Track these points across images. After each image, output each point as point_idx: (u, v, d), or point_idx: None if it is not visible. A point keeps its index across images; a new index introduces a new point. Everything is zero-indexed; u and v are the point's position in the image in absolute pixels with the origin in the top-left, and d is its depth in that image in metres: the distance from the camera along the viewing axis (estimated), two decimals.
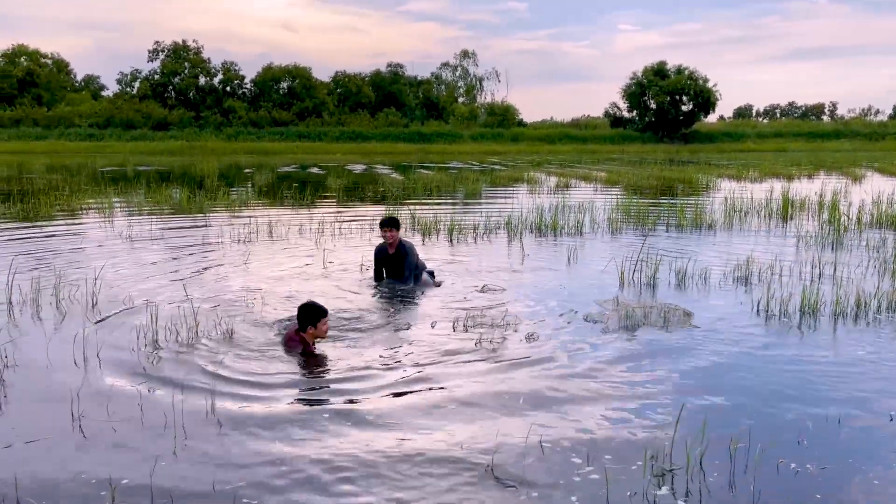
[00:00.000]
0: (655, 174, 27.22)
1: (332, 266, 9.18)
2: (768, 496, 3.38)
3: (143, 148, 55.34)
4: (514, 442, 3.96)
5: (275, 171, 31.01)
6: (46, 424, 4.16)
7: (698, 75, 70.42)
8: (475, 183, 22.63)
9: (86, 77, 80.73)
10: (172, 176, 27.15)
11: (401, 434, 4.08)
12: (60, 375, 4.97)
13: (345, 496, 3.40)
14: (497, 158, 47.49)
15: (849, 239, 11.25)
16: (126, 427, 4.10)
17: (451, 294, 7.56)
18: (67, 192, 18.18)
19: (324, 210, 15.87)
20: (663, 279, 8.17)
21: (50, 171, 28.86)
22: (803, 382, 4.92)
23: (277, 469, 3.65)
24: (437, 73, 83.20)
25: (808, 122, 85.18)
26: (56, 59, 73.83)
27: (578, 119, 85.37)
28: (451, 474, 3.61)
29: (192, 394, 4.60)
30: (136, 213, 15.07)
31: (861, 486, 3.52)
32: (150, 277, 8.37)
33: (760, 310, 6.81)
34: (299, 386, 4.87)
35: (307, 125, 68.49)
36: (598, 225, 12.85)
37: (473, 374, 5.09)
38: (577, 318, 6.57)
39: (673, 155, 51.20)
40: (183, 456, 3.76)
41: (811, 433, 4.07)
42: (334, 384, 4.88)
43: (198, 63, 71.77)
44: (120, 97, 70.51)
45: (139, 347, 5.58)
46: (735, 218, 13.73)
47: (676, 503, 3.34)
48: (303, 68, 73.84)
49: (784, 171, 29.26)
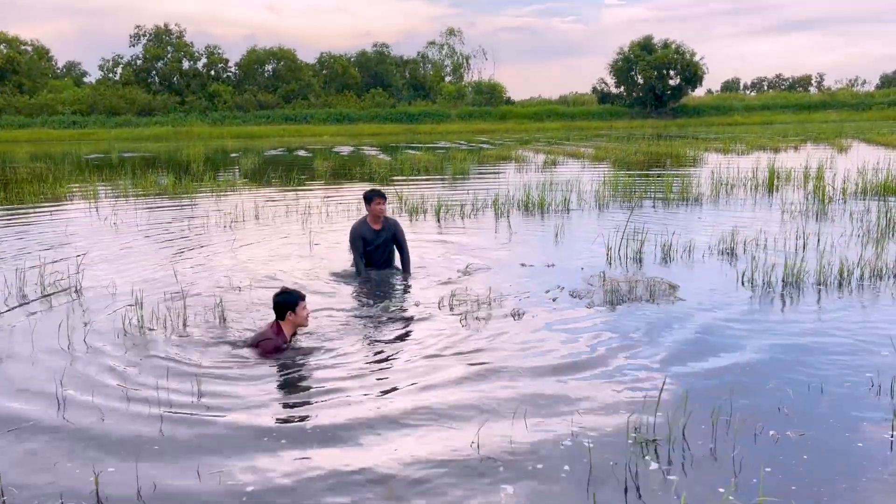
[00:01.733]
0: (643, 149, 27.23)
1: (319, 248, 9.17)
2: (749, 463, 3.43)
3: (127, 134, 54.88)
4: (499, 416, 3.99)
5: (261, 155, 30.83)
6: (31, 412, 4.15)
7: (685, 49, 70.30)
8: (462, 162, 22.57)
9: (67, 63, 79.90)
10: (158, 161, 26.94)
11: (384, 411, 4.10)
12: (46, 363, 4.95)
13: (332, 477, 3.42)
14: (485, 137, 47.38)
15: (833, 209, 11.32)
16: (111, 414, 4.10)
17: (437, 273, 7.56)
18: (51, 180, 18.01)
19: (310, 192, 15.81)
20: (650, 253, 8.20)
21: (34, 160, 28.58)
22: (785, 351, 4.97)
23: (263, 454, 3.66)
24: (423, 52, 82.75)
25: (795, 94, 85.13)
26: (36, 45, 72.86)
27: (566, 96, 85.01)
28: (434, 449, 3.63)
29: (178, 380, 4.59)
30: (122, 199, 14.97)
31: (839, 450, 3.57)
32: (136, 263, 8.34)
33: (745, 281, 6.85)
34: (285, 370, 4.87)
35: (293, 108, 68.02)
36: (584, 201, 12.86)
37: (458, 351, 5.10)
38: (563, 293, 6.60)
39: (661, 130, 51.21)
40: (168, 443, 3.76)
41: (791, 401, 4.11)
42: (318, 371, 4.89)
43: (181, 47, 71.02)
44: (103, 83, 69.73)
45: (125, 334, 5.56)
46: (721, 191, 13.78)
47: (659, 472, 3.38)
48: (287, 50, 73.24)
49: (770, 144, 29.32)
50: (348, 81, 73.85)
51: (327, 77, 74.69)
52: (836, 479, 3.30)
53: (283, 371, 4.81)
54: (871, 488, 3.23)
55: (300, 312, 5.14)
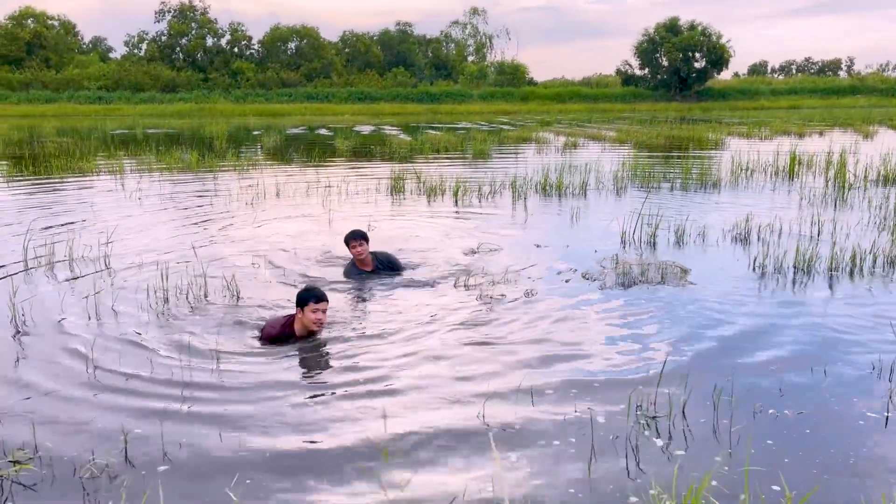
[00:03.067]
0: (664, 133, 27.05)
1: (337, 226, 9.34)
2: (745, 438, 3.56)
3: (152, 111, 55.39)
4: (504, 390, 4.15)
5: (283, 133, 31.04)
6: (63, 377, 4.38)
7: (711, 31, 69.23)
8: (482, 143, 22.58)
9: (93, 39, 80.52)
10: (182, 138, 27.25)
11: (393, 383, 4.27)
12: (75, 331, 5.19)
13: (344, 453, 3.61)
14: (506, 118, 47.22)
15: (853, 196, 11.27)
16: (137, 381, 4.31)
17: (450, 253, 7.71)
18: (78, 154, 18.35)
19: (330, 171, 15.99)
20: (664, 237, 8.27)
21: (60, 135, 29.04)
22: (791, 335, 5.06)
23: (279, 420, 3.85)
24: (446, 31, 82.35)
25: (824, 79, 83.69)
26: (63, 20, 73.58)
27: (590, 77, 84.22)
28: (441, 423, 3.80)
29: (198, 349, 4.80)
30: (147, 174, 15.25)
31: (835, 428, 3.68)
32: (161, 237, 8.57)
33: (756, 266, 6.92)
34: (302, 346, 5.05)
35: (315, 86, 68.16)
36: (602, 185, 12.90)
37: (469, 328, 5.26)
38: (576, 275, 6.72)
39: (684, 113, 50.70)
40: (191, 407, 3.96)
41: (793, 381, 4.23)
42: (335, 344, 5.07)
43: (205, 24, 71.33)
44: (128, 59, 70.35)
45: (149, 305, 5.78)
46: (741, 176, 13.74)
47: (659, 446, 3.52)
48: (310, 28, 73.26)
49: (795, 129, 28.98)
50: (370, 60, 73.80)
51: (350, 56, 74.69)
52: (829, 455, 3.42)
53: (298, 346, 4.99)
54: (862, 463, 3.34)
55: (307, 314, 4.85)
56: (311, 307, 4.81)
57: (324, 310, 4.88)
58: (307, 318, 4.84)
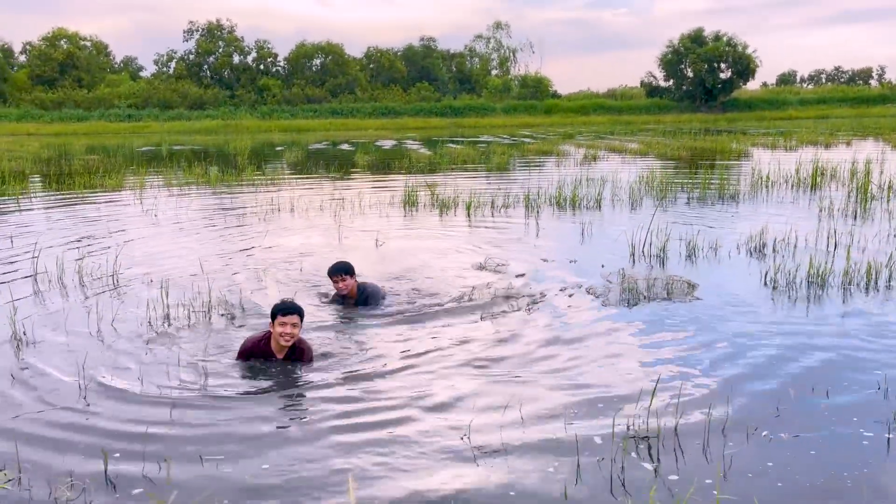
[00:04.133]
0: (687, 144, 26.77)
1: (347, 241, 9.35)
2: (736, 462, 3.44)
3: (179, 127, 56.30)
4: (494, 409, 4.07)
5: (305, 149, 31.32)
6: (54, 395, 4.39)
7: (737, 41, 68.55)
8: (501, 157, 22.56)
9: (124, 58, 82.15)
10: (206, 154, 27.63)
11: (387, 402, 4.22)
12: (73, 349, 5.21)
13: (332, 468, 3.56)
14: (529, 131, 47.15)
15: (875, 208, 11.00)
16: (124, 401, 4.30)
17: (458, 269, 7.65)
18: (101, 172, 18.67)
19: (347, 185, 16.05)
20: (675, 251, 8.13)
21: (89, 152, 29.60)
22: (795, 353, 4.91)
23: (262, 442, 3.82)
24: (470, 45, 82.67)
25: (854, 88, 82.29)
26: (95, 41, 75.33)
27: (615, 89, 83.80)
28: (428, 442, 3.74)
29: (188, 371, 4.77)
30: (165, 190, 15.45)
31: (832, 452, 3.54)
32: (172, 254, 8.64)
33: (767, 281, 6.76)
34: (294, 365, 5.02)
35: (340, 102, 68.78)
36: (618, 198, 12.76)
37: (467, 343, 5.20)
38: (580, 290, 6.62)
39: (710, 124, 50.18)
40: (175, 427, 3.94)
41: (791, 402, 4.09)
42: (334, 356, 5.04)
43: (232, 42, 72.47)
44: (157, 78, 71.69)
45: (150, 323, 5.80)
46: (761, 188, 13.51)
47: (647, 469, 3.41)
48: (335, 45, 73.98)
49: (822, 139, 28.49)
50: (395, 75, 74.28)
51: (374, 71, 75.26)
52: (824, 480, 3.29)
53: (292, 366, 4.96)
54: (861, 490, 3.21)
55: (276, 328, 4.72)
56: (279, 320, 4.70)
57: (293, 323, 4.71)
58: (275, 332, 4.74)
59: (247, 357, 4.87)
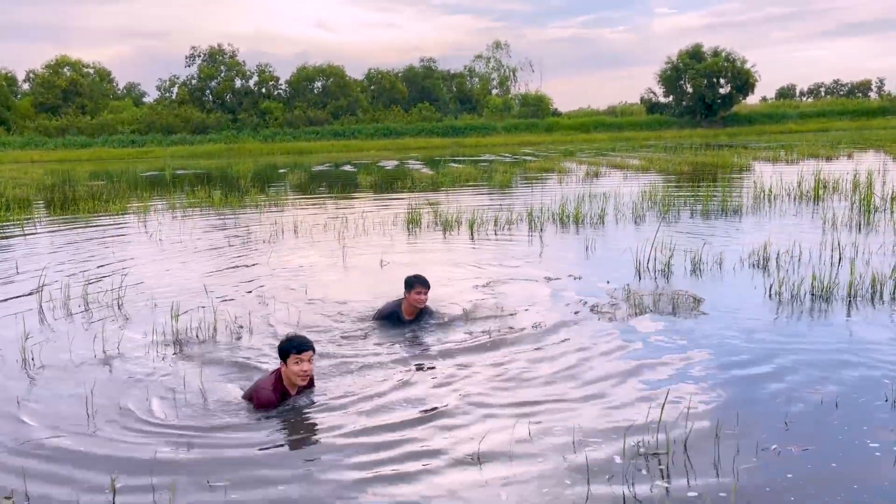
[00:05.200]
0: (688, 160, 26.84)
1: (351, 261, 9.37)
2: (749, 476, 3.41)
3: (182, 152, 56.63)
4: (503, 427, 4.06)
5: (308, 171, 31.46)
6: (61, 422, 4.39)
7: (736, 56, 68.94)
8: (504, 175, 22.63)
9: (127, 85, 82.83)
10: (209, 178, 27.77)
11: (392, 416, 4.20)
12: (79, 374, 5.22)
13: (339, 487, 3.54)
14: (530, 149, 47.32)
15: (878, 220, 11.00)
16: (131, 427, 4.29)
17: (462, 288, 7.65)
18: (104, 197, 18.77)
19: (349, 206, 16.10)
20: (680, 266, 8.13)
21: (93, 178, 29.78)
22: (802, 366, 4.89)
23: (271, 471, 3.81)
24: (470, 65, 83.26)
25: (854, 100, 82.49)
26: (98, 68, 76.01)
27: (615, 106, 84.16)
28: (437, 459, 3.72)
29: (196, 397, 4.77)
30: (169, 214, 15.51)
31: (841, 466, 3.52)
32: (177, 278, 8.66)
33: (772, 295, 6.75)
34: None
35: (342, 123, 69.16)
36: (621, 214, 12.77)
37: (474, 360, 5.19)
38: (586, 308, 6.61)
39: (710, 139, 50.31)
40: (182, 453, 3.93)
41: (800, 416, 4.07)
42: (335, 378, 5.03)
43: (233, 66, 73.05)
44: (160, 103, 72.22)
45: (156, 348, 5.81)
46: (763, 202, 13.52)
47: (656, 484, 3.39)
48: (336, 67, 74.54)
49: (822, 152, 28.53)
50: (395, 96, 74.75)
51: (375, 92, 75.75)
52: (835, 493, 3.26)
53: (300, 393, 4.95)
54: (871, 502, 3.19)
55: (291, 367, 4.40)
56: (294, 359, 4.36)
57: (308, 359, 4.41)
58: (291, 372, 4.40)
59: (266, 406, 4.44)
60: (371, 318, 6.37)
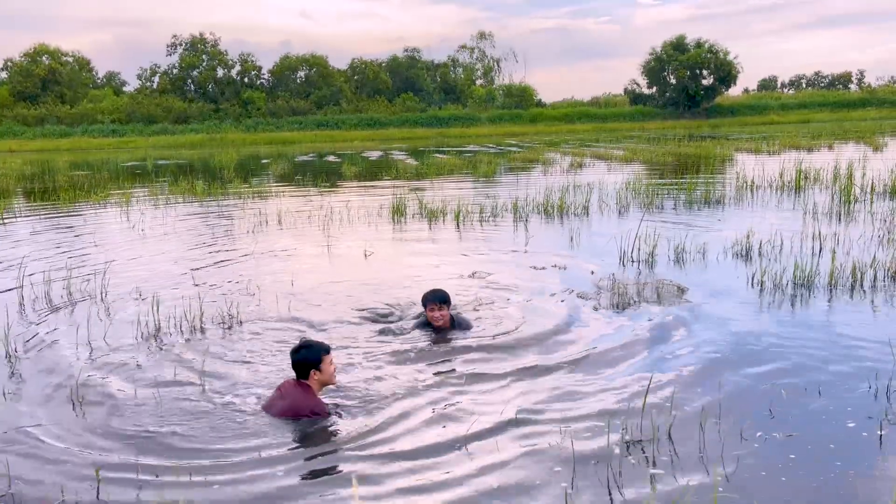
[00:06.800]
0: (671, 151, 26.99)
1: (336, 250, 9.34)
2: (734, 463, 3.46)
3: (164, 142, 56.10)
4: (488, 416, 4.08)
5: (292, 161, 31.28)
6: (47, 411, 4.36)
7: (718, 48, 69.34)
8: (489, 165, 22.63)
9: (107, 74, 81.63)
10: (191, 168, 27.52)
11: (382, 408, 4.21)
12: (64, 364, 5.18)
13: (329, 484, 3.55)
14: (515, 140, 47.36)
15: (858, 210, 11.13)
16: (117, 416, 4.28)
17: (447, 278, 7.66)
18: (86, 188, 18.56)
19: (334, 196, 16.04)
20: (664, 256, 8.19)
21: (73, 168, 29.42)
22: (785, 354, 4.95)
23: (258, 454, 3.80)
24: (454, 56, 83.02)
25: (834, 92, 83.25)
26: (77, 56, 74.89)
27: (598, 97, 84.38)
28: (423, 449, 3.73)
29: (182, 386, 4.74)
30: (152, 205, 15.37)
31: (824, 451, 3.57)
32: (160, 268, 8.59)
33: (755, 283, 6.82)
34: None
35: (325, 114, 68.82)
36: (605, 205, 12.82)
37: (458, 350, 5.20)
38: (571, 296, 6.64)
39: (693, 130, 50.59)
40: (167, 446, 3.89)
41: (783, 402, 4.12)
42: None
43: (215, 55, 72.37)
44: (140, 92, 71.46)
45: (141, 338, 5.77)
46: (745, 192, 13.63)
47: (642, 471, 3.42)
48: (319, 57, 74.10)
49: (804, 143, 28.80)
50: (379, 87, 74.45)
51: (359, 83, 75.38)
52: (818, 479, 3.31)
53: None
54: (854, 487, 3.23)
55: (326, 369, 4.24)
56: (328, 360, 4.25)
57: (332, 359, 4.31)
58: (326, 376, 4.24)
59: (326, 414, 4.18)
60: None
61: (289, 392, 4.21)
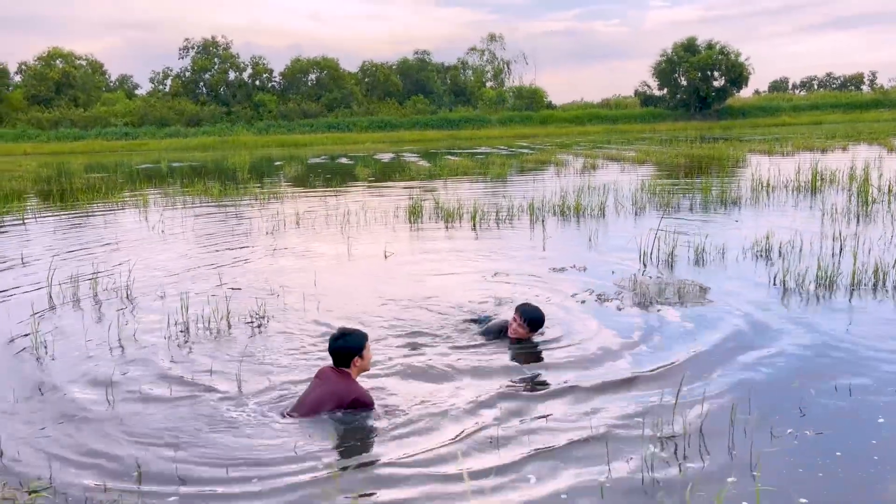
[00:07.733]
0: (684, 152, 26.94)
1: (356, 254, 9.41)
2: (766, 459, 3.49)
3: (176, 144, 56.41)
4: (517, 412, 4.12)
5: (304, 163, 31.42)
6: (83, 404, 4.44)
7: (730, 49, 69.11)
8: (501, 167, 22.68)
9: (120, 77, 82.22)
10: (205, 171, 27.70)
11: (404, 401, 4.26)
12: (95, 363, 5.26)
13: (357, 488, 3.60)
14: (526, 142, 47.35)
15: (877, 210, 11.11)
16: (153, 412, 4.35)
17: (469, 279, 7.71)
18: (104, 189, 18.72)
19: (350, 198, 16.12)
20: (683, 256, 8.21)
21: (88, 171, 29.67)
22: (812, 353, 4.98)
23: (292, 460, 3.86)
24: (464, 58, 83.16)
25: (846, 93, 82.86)
26: (90, 60, 75.45)
27: (609, 99, 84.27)
28: (455, 444, 3.78)
29: (217, 382, 4.81)
30: (170, 206, 15.50)
31: (855, 450, 3.60)
32: (183, 268, 8.67)
33: (777, 283, 6.83)
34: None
35: (336, 116, 69.03)
36: (621, 206, 12.84)
37: (484, 350, 5.25)
38: (592, 297, 6.68)
39: (704, 132, 50.42)
40: (205, 441, 3.95)
41: (813, 401, 4.15)
42: None
43: (227, 58, 72.75)
44: (153, 95, 71.92)
45: (171, 336, 5.85)
46: (761, 193, 13.61)
47: (673, 467, 3.46)
48: (330, 59, 74.38)
49: (817, 144, 28.68)
50: (390, 89, 74.65)
51: (369, 85, 75.63)
52: (850, 478, 3.34)
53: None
54: (885, 487, 3.26)
55: (367, 356, 4.25)
56: (369, 347, 4.27)
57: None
58: (367, 362, 4.28)
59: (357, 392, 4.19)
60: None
61: (330, 378, 4.17)
